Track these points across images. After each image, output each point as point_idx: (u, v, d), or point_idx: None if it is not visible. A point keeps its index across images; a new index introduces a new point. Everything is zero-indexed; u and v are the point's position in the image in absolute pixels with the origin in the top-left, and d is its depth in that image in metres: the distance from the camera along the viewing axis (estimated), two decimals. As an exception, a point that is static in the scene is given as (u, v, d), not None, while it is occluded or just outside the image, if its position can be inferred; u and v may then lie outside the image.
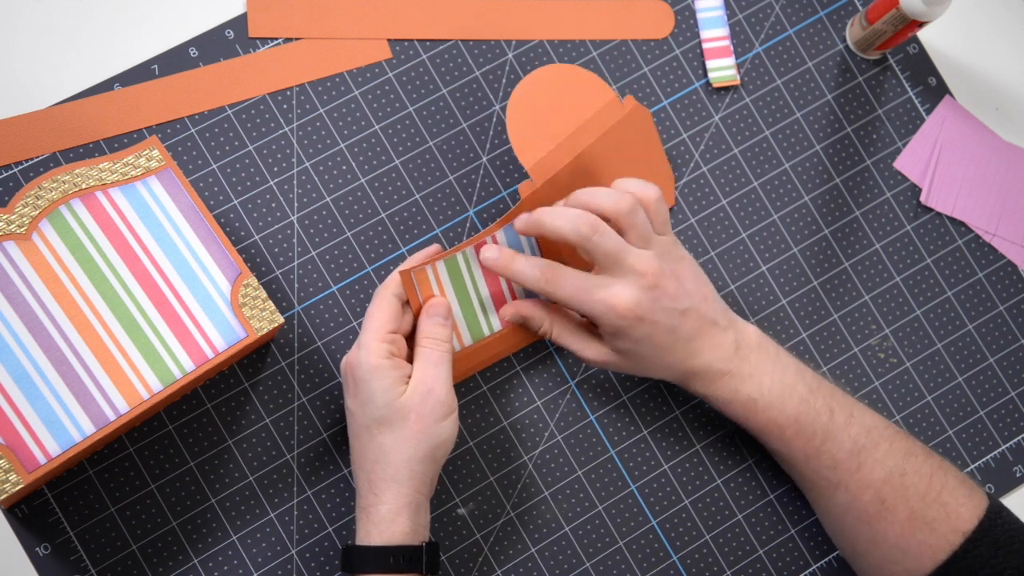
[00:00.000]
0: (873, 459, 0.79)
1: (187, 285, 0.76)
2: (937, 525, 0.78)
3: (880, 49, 0.93)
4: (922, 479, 0.79)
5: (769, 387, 0.81)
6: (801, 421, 0.80)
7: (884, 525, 0.79)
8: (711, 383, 0.81)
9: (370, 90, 0.88)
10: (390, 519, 0.74)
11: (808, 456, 0.80)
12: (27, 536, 0.80)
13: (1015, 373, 0.93)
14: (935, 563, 0.77)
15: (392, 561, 0.73)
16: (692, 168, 0.91)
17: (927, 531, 0.78)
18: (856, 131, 0.94)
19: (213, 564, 0.81)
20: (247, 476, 0.83)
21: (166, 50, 0.86)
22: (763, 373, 0.81)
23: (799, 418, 0.80)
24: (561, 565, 0.85)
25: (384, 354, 0.75)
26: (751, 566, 0.87)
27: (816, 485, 0.81)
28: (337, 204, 0.86)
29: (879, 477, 0.79)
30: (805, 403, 0.80)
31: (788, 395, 0.80)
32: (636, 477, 0.87)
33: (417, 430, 0.75)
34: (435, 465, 0.76)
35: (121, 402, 0.74)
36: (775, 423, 0.80)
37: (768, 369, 0.81)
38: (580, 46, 0.91)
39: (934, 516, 0.78)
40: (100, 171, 0.76)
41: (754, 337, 0.82)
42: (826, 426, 0.80)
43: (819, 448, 0.80)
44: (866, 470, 0.79)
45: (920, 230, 0.93)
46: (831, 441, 0.80)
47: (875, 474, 0.79)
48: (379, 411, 0.75)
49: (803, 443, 0.80)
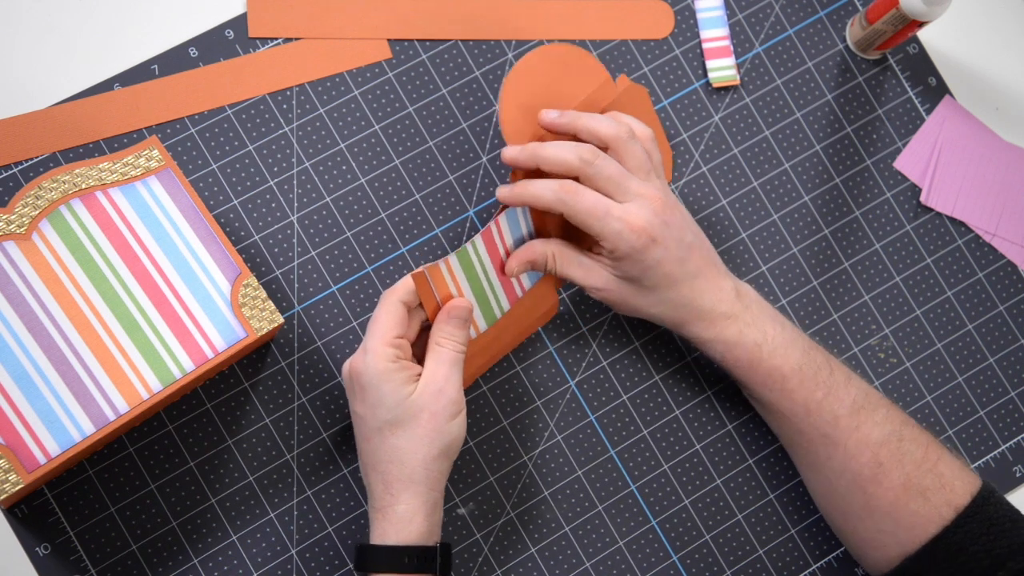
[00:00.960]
0: (872, 420, 0.78)
1: (187, 285, 0.76)
2: (931, 495, 0.77)
3: (880, 49, 0.93)
4: (919, 447, 0.78)
5: (772, 335, 0.80)
6: (804, 372, 0.79)
7: (879, 490, 0.78)
8: (714, 324, 0.80)
9: (370, 90, 0.88)
10: (408, 519, 0.74)
11: (809, 410, 0.79)
12: (27, 536, 0.80)
13: (1015, 373, 0.93)
14: (926, 536, 0.76)
15: (407, 561, 0.73)
16: (692, 168, 0.91)
17: (921, 500, 0.77)
18: (856, 131, 0.94)
19: (213, 564, 0.81)
20: (247, 476, 0.83)
21: (166, 50, 0.86)
22: (765, 321, 0.80)
23: (802, 368, 0.79)
24: (561, 565, 0.85)
25: (391, 358, 0.75)
26: (751, 566, 0.87)
27: (813, 443, 0.80)
28: (337, 204, 0.86)
29: (877, 439, 0.78)
30: (807, 355, 0.79)
31: (791, 345, 0.79)
32: (636, 477, 0.87)
33: (431, 428, 0.74)
34: (448, 462, 0.76)
35: (121, 402, 0.74)
36: (779, 371, 0.79)
37: (769, 319, 0.80)
38: (580, 46, 0.91)
39: (929, 485, 0.77)
40: (100, 171, 0.76)
41: (752, 290, 0.82)
42: (827, 381, 0.79)
43: (820, 402, 0.79)
44: (864, 430, 0.78)
45: (920, 230, 0.93)
46: (832, 396, 0.79)
47: (873, 435, 0.78)
48: (390, 413, 0.74)
49: (805, 395, 0.79)
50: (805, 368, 0.79)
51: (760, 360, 0.80)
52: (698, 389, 0.89)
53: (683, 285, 0.80)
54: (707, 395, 0.89)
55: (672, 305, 0.80)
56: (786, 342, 0.80)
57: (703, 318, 0.80)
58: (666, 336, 0.89)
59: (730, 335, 0.80)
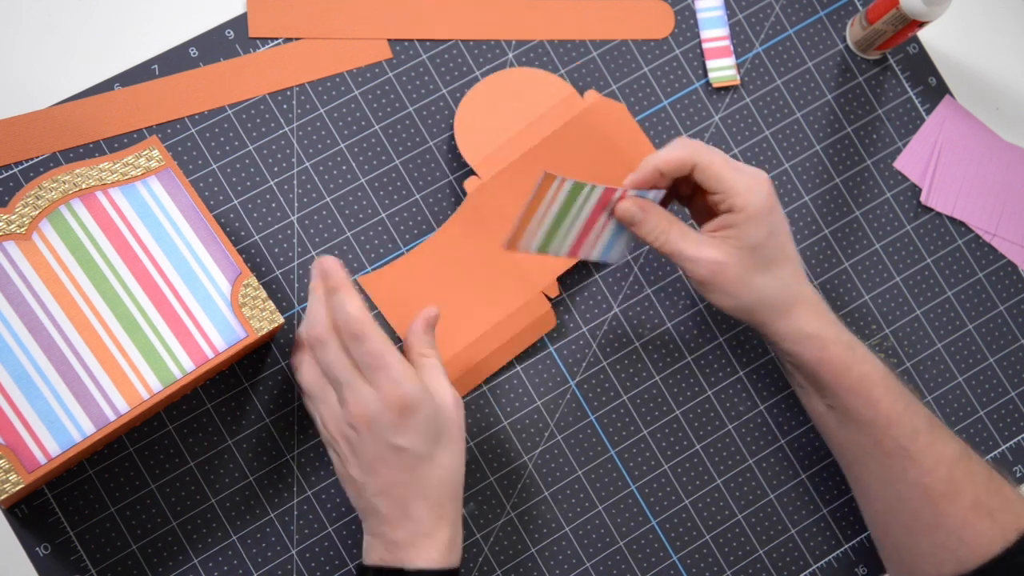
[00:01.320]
0: (946, 435, 0.77)
1: (187, 285, 0.76)
2: (998, 516, 0.76)
3: (880, 49, 0.93)
4: (984, 467, 0.77)
5: (859, 341, 0.78)
6: (889, 380, 0.77)
7: (950, 507, 0.76)
8: (816, 318, 0.78)
9: (370, 90, 0.88)
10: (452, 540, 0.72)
11: (891, 421, 0.77)
12: (27, 536, 0.80)
13: (1015, 373, 0.93)
14: (988, 555, 0.75)
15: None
16: (692, 168, 0.91)
17: (988, 521, 0.76)
18: (856, 131, 0.94)
19: (213, 564, 0.81)
20: (247, 476, 0.83)
21: (166, 50, 0.86)
22: (842, 325, 0.79)
23: (887, 376, 0.77)
24: (561, 565, 0.85)
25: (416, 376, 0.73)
26: (751, 566, 0.87)
27: (890, 456, 0.77)
28: (337, 204, 0.86)
29: (951, 456, 0.76)
30: (887, 367, 0.78)
31: (872, 354, 0.78)
32: (636, 477, 0.87)
33: (459, 439, 0.73)
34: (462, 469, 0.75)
35: (121, 402, 0.74)
36: (868, 378, 0.77)
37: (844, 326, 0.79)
38: (580, 46, 0.91)
39: (996, 506, 0.76)
40: (100, 171, 0.76)
41: None
42: (906, 394, 0.78)
43: (902, 414, 0.77)
44: (939, 446, 0.77)
45: (920, 230, 0.93)
46: (911, 410, 0.77)
47: (947, 452, 0.76)
48: (434, 432, 0.72)
49: (889, 405, 0.77)
50: (889, 377, 0.78)
51: (853, 363, 0.77)
52: (698, 389, 0.89)
53: (793, 263, 0.78)
54: (707, 395, 0.89)
55: (783, 284, 0.77)
56: (868, 350, 0.78)
57: (807, 307, 0.78)
58: (666, 336, 0.89)
59: (830, 333, 0.78)
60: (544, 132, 0.87)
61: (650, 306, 0.89)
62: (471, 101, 0.86)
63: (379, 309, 0.85)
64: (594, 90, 0.89)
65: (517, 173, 0.86)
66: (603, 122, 0.88)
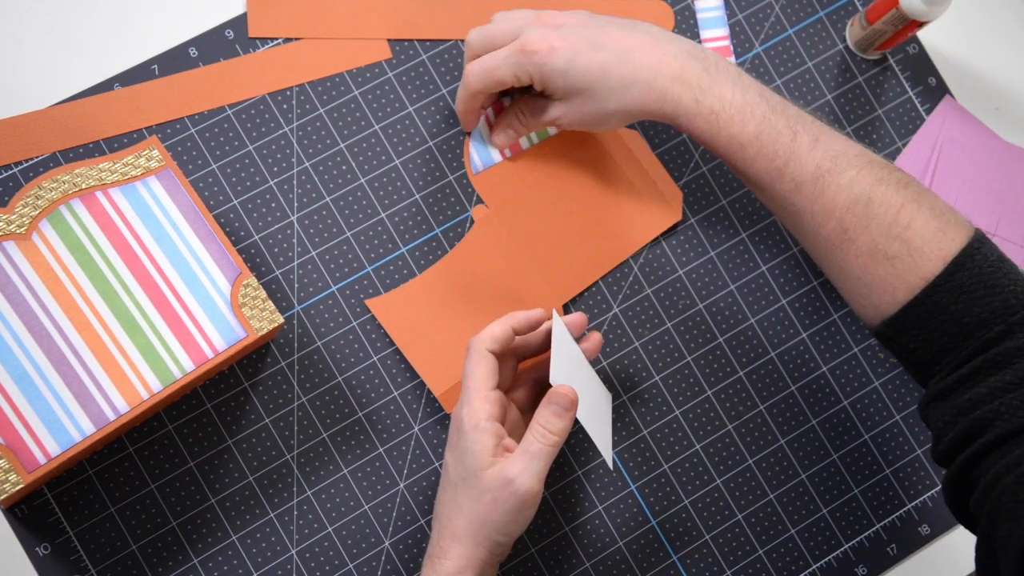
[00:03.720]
0: (837, 184, 0.76)
1: (187, 285, 0.76)
2: (898, 263, 0.74)
3: (880, 49, 0.93)
4: (889, 210, 0.75)
5: (731, 101, 0.78)
6: (762, 140, 0.77)
7: (847, 255, 0.76)
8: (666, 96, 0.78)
9: (370, 90, 0.88)
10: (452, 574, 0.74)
11: (772, 178, 0.77)
12: (27, 536, 0.80)
13: (1015, 373, 0.93)
14: (896, 303, 0.75)
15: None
16: (692, 168, 0.91)
17: (887, 266, 0.75)
18: (856, 131, 0.94)
19: (213, 564, 0.81)
20: (247, 476, 0.83)
21: (166, 50, 0.86)
22: (723, 86, 0.78)
23: (760, 136, 0.77)
24: (561, 565, 0.85)
25: (486, 415, 0.74)
26: (751, 566, 0.87)
27: (784, 209, 0.79)
28: (337, 204, 0.86)
29: (842, 204, 0.76)
30: (767, 122, 0.77)
31: (750, 112, 0.77)
32: (636, 477, 0.87)
33: (491, 510, 0.73)
34: (504, 539, 0.75)
35: (121, 402, 0.74)
36: (736, 140, 0.77)
37: (729, 83, 0.78)
38: (580, 46, 0.91)
39: (896, 252, 0.74)
40: (100, 171, 0.76)
41: (713, 54, 0.80)
42: (788, 147, 0.77)
43: (781, 170, 0.77)
44: (829, 195, 0.76)
45: (920, 230, 0.93)
46: (793, 163, 0.77)
47: (838, 200, 0.76)
48: (466, 472, 0.74)
49: (765, 163, 0.77)
50: (763, 136, 0.77)
51: (718, 130, 0.78)
52: (698, 389, 0.89)
53: (615, 67, 0.79)
54: (707, 395, 0.89)
55: (617, 93, 0.79)
56: (744, 109, 0.78)
57: (652, 91, 0.78)
58: (666, 336, 0.89)
59: (687, 105, 0.78)
60: (553, 158, 0.88)
61: (650, 306, 0.89)
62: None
63: (387, 331, 0.85)
64: None
65: (525, 202, 0.87)
66: (615, 149, 0.88)
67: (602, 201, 0.88)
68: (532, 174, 0.87)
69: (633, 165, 0.89)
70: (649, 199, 0.89)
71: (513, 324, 0.78)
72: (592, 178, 0.88)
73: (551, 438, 0.74)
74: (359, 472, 0.84)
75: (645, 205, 0.89)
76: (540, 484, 0.73)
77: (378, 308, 0.85)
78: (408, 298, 0.85)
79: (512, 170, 0.88)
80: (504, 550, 0.76)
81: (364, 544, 0.83)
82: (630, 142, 0.89)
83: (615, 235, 0.88)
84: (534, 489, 0.73)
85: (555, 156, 0.88)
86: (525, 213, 0.87)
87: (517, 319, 0.79)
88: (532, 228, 0.87)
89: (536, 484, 0.73)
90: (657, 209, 0.89)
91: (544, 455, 0.73)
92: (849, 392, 0.90)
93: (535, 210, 0.87)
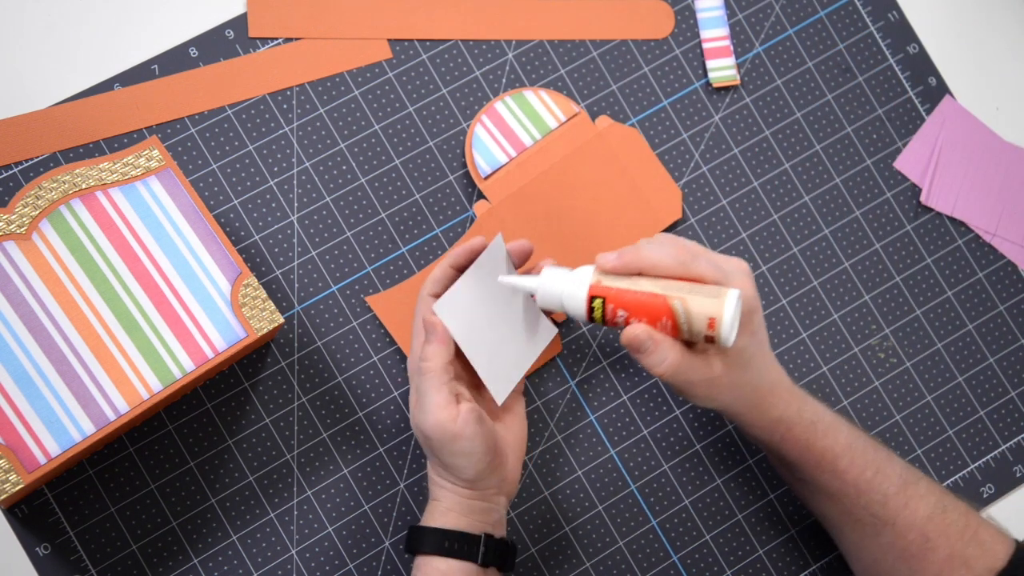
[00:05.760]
0: (918, 495, 0.77)
1: (187, 285, 0.76)
2: (974, 563, 0.76)
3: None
4: (961, 516, 0.77)
5: (823, 412, 0.78)
6: (854, 450, 0.77)
7: (924, 564, 0.77)
8: (782, 400, 0.77)
9: (370, 90, 0.88)
10: (443, 511, 0.76)
11: (860, 491, 0.77)
12: (27, 536, 0.80)
13: (1015, 373, 0.93)
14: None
15: (447, 544, 0.75)
16: (692, 168, 0.91)
17: (964, 570, 0.76)
18: (856, 131, 0.94)
19: (213, 564, 0.81)
20: (247, 476, 0.83)
21: (166, 50, 0.86)
22: (809, 399, 0.79)
23: (852, 446, 0.77)
24: (561, 565, 0.85)
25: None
26: (751, 566, 0.87)
27: (862, 523, 0.78)
28: (337, 204, 0.86)
29: (924, 514, 0.77)
30: (854, 433, 0.78)
31: (838, 423, 0.78)
32: (636, 477, 0.87)
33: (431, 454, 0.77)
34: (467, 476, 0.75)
35: (121, 402, 0.74)
36: (831, 451, 0.77)
37: (810, 397, 0.79)
38: (580, 46, 0.91)
39: (972, 554, 0.76)
40: (100, 171, 0.76)
41: None
42: (875, 459, 0.78)
43: (871, 481, 0.77)
44: (912, 506, 0.77)
45: (920, 230, 0.93)
46: (881, 475, 0.77)
47: (920, 511, 0.77)
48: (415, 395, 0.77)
49: (856, 475, 0.77)
50: (855, 446, 0.78)
51: (815, 439, 0.77)
52: (698, 389, 0.89)
53: (766, 350, 0.77)
54: (707, 395, 0.89)
55: (760, 377, 0.76)
56: (833, 420, 0.78)
57: (775, 391, 0.77)
58: (666, 336, 0.89)
59: (792, 412, 0.77)
60: (554, 156, 0.87)
61: (650, 306, 0.89)
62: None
63: (386, 328, 0.85)
64: (607, 116, 0.89)
65: (526, 198, 0.87)
66: (616, 147, 0.88)
67: (603, 199, 0.88)
68: (534, 172, 0.87)
69: (633, 164, 0.89)
70: (649, 197, 0.89)
71: (451, 262, 0.78)
72: (593, 176, 0.88)
73: (424, 364, 0.74)
74: (359, 472, 0.84)
75: (645, 203, 0.89)
76: (441, 414, 0.72)
77: (378, 305, 0.85)
78: (408, 295, 0.85)
79: (515, 166, 0.87)
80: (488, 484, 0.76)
81: (364, 544, 0.83)
82: (630, 141, 0.89)
83: (615, 233, 0.88)
84: (429, 422, 0.73)
85: (556, 154, 0.88)
86: (526, 210, 0.87)
87: (456, 254, 0.78)
88: (533, 225, 0.87)
89: (430, 417, 0.73)
90: (657, 207, 0.89)
91: (427, 387, 0.73)
92: (849, 392, 0.90)
93: (536, 207, 0.87)
